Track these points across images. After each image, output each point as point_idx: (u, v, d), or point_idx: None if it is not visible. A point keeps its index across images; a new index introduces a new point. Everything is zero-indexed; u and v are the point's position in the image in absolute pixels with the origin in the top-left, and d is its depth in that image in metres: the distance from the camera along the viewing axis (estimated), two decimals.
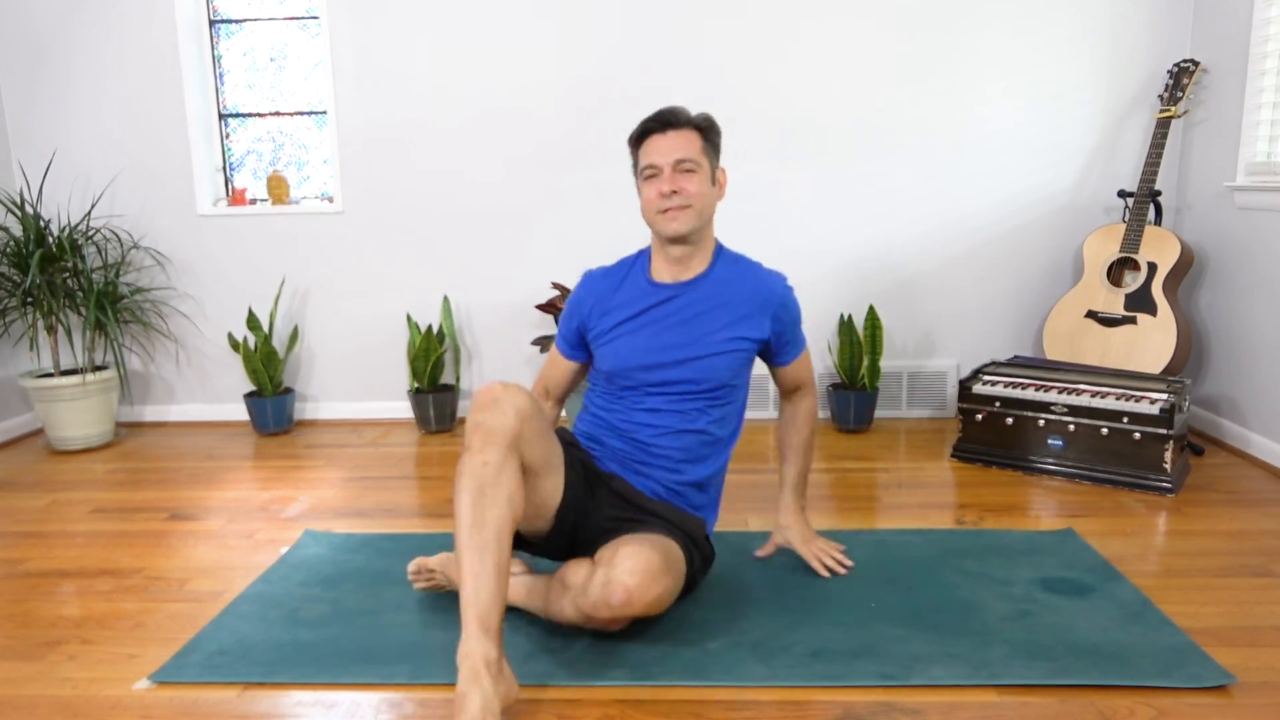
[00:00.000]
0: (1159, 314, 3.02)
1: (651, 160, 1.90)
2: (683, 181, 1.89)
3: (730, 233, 3.50)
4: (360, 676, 1.73)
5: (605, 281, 2.05)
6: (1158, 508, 2.55)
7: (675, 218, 1.90)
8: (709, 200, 1.94)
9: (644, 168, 1.92)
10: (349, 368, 3.73)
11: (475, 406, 1.70)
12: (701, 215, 1.93)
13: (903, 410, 3.60)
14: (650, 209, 1.93)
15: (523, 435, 1.68)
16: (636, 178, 1.98)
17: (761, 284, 2.01)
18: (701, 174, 1.91)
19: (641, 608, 1.69)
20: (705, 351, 1.95)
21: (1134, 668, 1.69)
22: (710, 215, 1.97)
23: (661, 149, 1.90)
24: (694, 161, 1.90)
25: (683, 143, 1.90)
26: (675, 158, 1.89)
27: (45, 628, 1.98)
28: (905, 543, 2.31)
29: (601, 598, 1.68)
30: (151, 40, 3.51)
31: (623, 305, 2.00)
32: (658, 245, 2.01)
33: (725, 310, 1.97)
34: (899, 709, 1.60)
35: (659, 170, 1.90)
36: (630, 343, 1.97)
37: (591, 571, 1.75)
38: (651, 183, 1.91)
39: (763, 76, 3.42)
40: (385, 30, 3.47)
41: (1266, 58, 2.93)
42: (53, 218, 3.62)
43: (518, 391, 1.71)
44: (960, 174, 3.45)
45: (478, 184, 3.56)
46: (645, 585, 1.68)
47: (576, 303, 2.07)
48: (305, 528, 2.53)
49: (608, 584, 1.68)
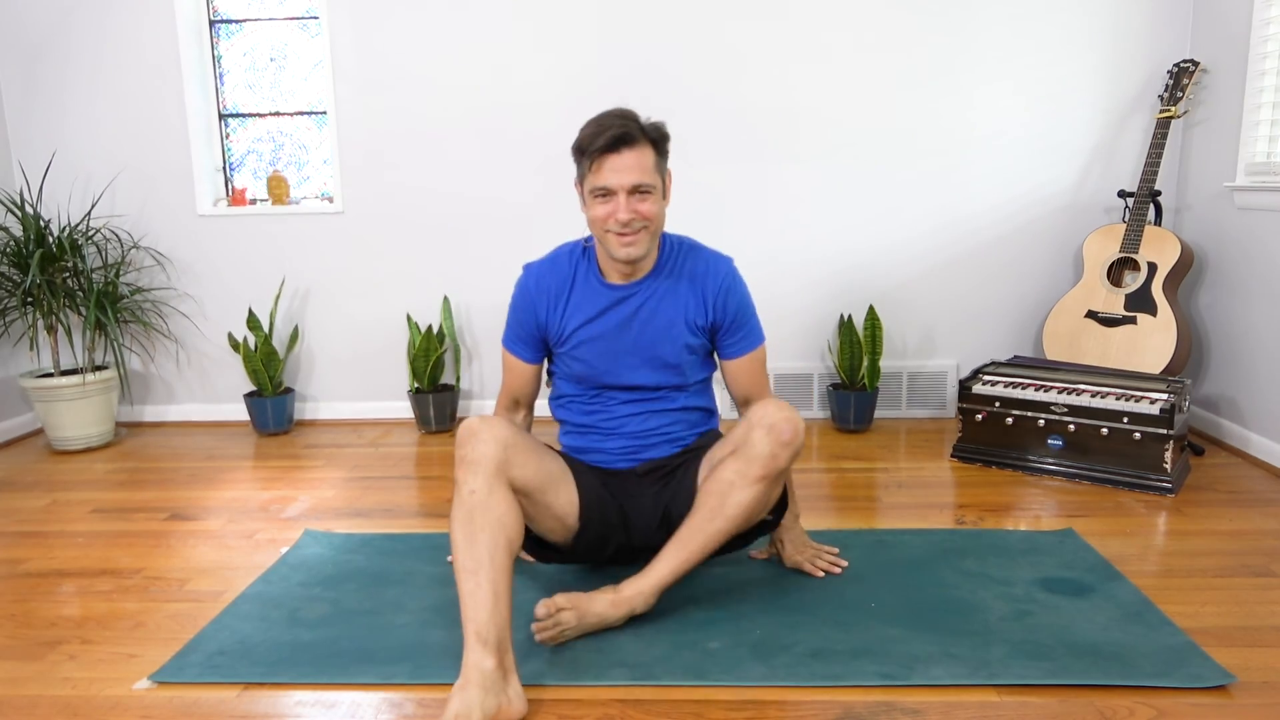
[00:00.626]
0: (1159, 314, 3.02)
1: (605, 183, 1.80)
2: (638, 205, 1.81)
3: (731, 232, 3.50)
4: (360, 676, 1.73)
5: (554, 278, 2.00)
6: (1158, 508, 2.55)
7: (631, 243, 1.84)
8: (662, 217, 1.88)
9: (596, 189, 1.82)
10: (349, 368, 3.74)
11: (457, 443, 1.75)
12: (656, 234, 1.89)
13: (902, 410, 3.60)
14: (599, 227, 1.85)
15: (509, 460, 1.73)
16: (580, 188, 1.88)
17: (704, 265, 1.98)
18: (656, 193, 1.84)
19: (802, 431, 1.81)
20: (666, 351, 1.97)
21: (1134, 668, 1.69)
22: (661, 229, 1.92)
23: (617, 170, 1.79)
24: (649, 184, 1.81)
25: (638, 163, 1.80)
26: (631, 182, 1.79)
27: (45, 628, 1.98)
28: (905, 543, 2.31)
29: (775, 439, 1.77)
30: (152, 40, 3.51)
31: (580, 307, 1.97)
32: (604, 253, 1.93)
33: (677, 302, 1.97)
34: (899, 709, 1.60)
35: (613, 193, 1.80)
36: (594, 349, 1.98)
37: (745, 434, 1.81)
38: (604, 203, 1.82)
39: (763, 76, 3.42)
40: (385, 30, 3.47)
41: (1266, 58, 2.93)
42: (53, 218, 3.62)
43: (496, 422, 1.76)
44: (960, 174, 3.45)
45: (478, 183, 3.56)
46: (794, 412, 1.81)
47: (528, 303, 2.02)
48: (305, 528, 2.53)
49: (773, 426, 1.77)
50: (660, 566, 1.85)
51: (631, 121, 1.81)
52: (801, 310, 3.58)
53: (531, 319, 2.02)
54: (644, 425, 2.02)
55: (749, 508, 1.82)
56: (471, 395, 3.73)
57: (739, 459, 1.81)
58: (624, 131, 1.78)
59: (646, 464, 2.03)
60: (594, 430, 2.05)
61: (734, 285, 1.99)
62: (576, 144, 1.85)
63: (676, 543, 1.85)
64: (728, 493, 1.81)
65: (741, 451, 1.82)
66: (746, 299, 2.03)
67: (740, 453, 1.82)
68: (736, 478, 1.81)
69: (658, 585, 1.84)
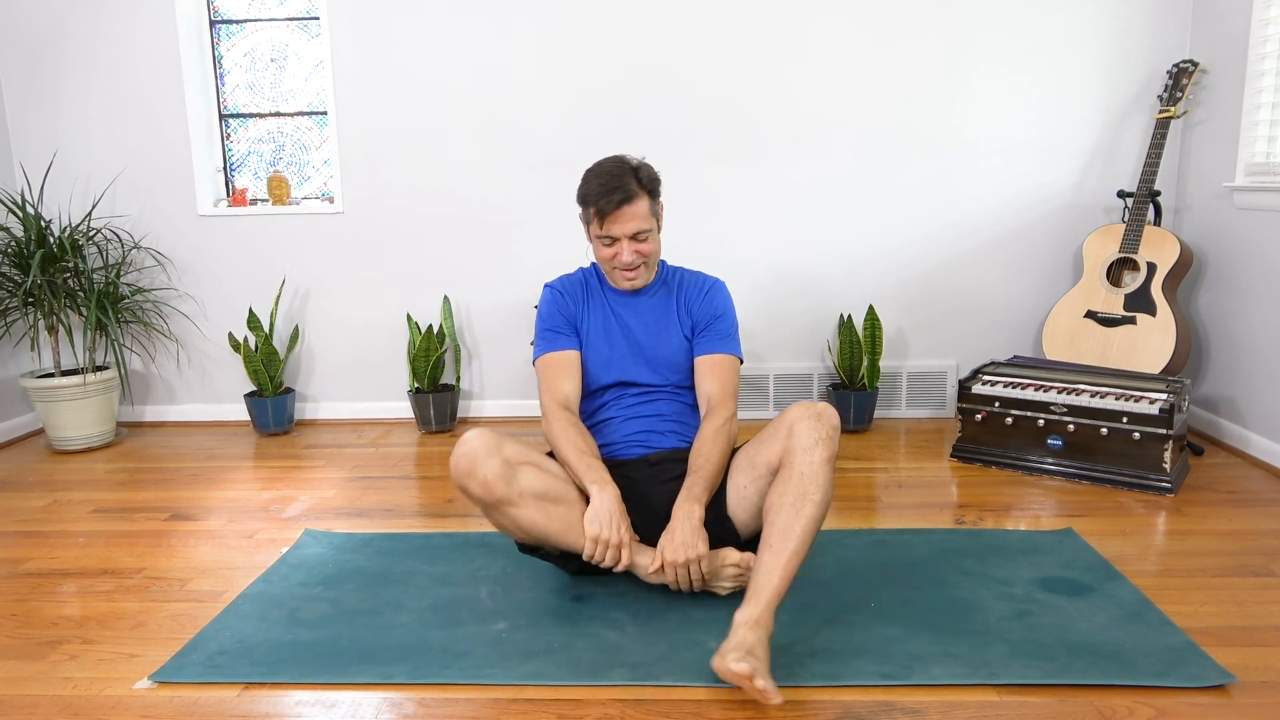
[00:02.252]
0: (1158, 314, 3.02)
1: (609, 233, 2.03)
2: (639, 246, 2.05)
3: (731, 232, 3.51)
4: (360, 676, 1.73)
5: (573, 285, 2.20)
6: (1157, 508, 2.55)
7: (633, 278, 2.10)
8: (659, 247, 2.12)
9: (601, 236, 2.04)
10: (349, 368, 3.74)
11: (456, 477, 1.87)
12: (654, 264, 2.14)
13: (902, 410, 3.61)
14: (606, 264, 2.10)
15: (505, 498, 1.85)
16: (587, 229, 2.08)
17: (694, 277, 2.21)
18: (654, 232, 2.07)
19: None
20: (664, 351, 2.14)
21: (1133, 667, 1.69)
22: (659, 254, 2.14)
23: (619, 223, 2.01)
24: (647, 229, 2.04)
25: (637, 214, 2.01)
26: (632, 231, 2.02)
27: (46, 627, 1.99)
28: (905, 543, 2.31)
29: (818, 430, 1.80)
30: (152, 41, 3.51)
31: (594, 311, 2.17)
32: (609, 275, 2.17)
33: (670, 305, 2.16)
34: (899, 709, 1.60)
35: (617, 239, 2.04)
36: (603, 349, 2.14)
37: (788, 434, 1.83)
38: (609, 247, 2.06)
39: (762, 77, 3.42)
40: (385, 30, 3.47)
41: (1265, 58, 2.93)
42: (54, 218, 3.62)
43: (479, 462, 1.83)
44: (960, 174, 3.46)
45: (478, 184, 3.56)
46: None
47: (560, 302, 2.17)
48: (305, 528, 2.53)
49: (819, 416, 1.82)
50: (763, 582, 1.72)
51: (628, 177, 2.02)
52: (801, 310, 3.58)
53: (566, 310, 2.17)
54: (654, 410, 2.13)
55: (826, 493, 1.79)
56: (471, 395, 3.73)
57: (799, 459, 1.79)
58: (624, 194, 2.00)
59: (659, 453, 2.08)
60: (605, 424, 2.14)
61: (715, 292, 2.18)
62: (581, 197, 2.06)
63: (770, 550, 1.75)
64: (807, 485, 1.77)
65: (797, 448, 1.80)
66: (727, 308, 2.18)
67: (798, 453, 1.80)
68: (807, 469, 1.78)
69: (772, 602, 1.72)
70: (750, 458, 1.95)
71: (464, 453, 1.83)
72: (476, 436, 1.86)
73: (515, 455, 1.89)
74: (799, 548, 1.74)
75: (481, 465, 1.82)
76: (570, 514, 1.92)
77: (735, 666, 1.55)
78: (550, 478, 1.93)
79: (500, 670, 1.73)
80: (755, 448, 1.95)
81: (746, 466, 1.96)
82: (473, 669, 1.74)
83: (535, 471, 1.91)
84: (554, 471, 1.96)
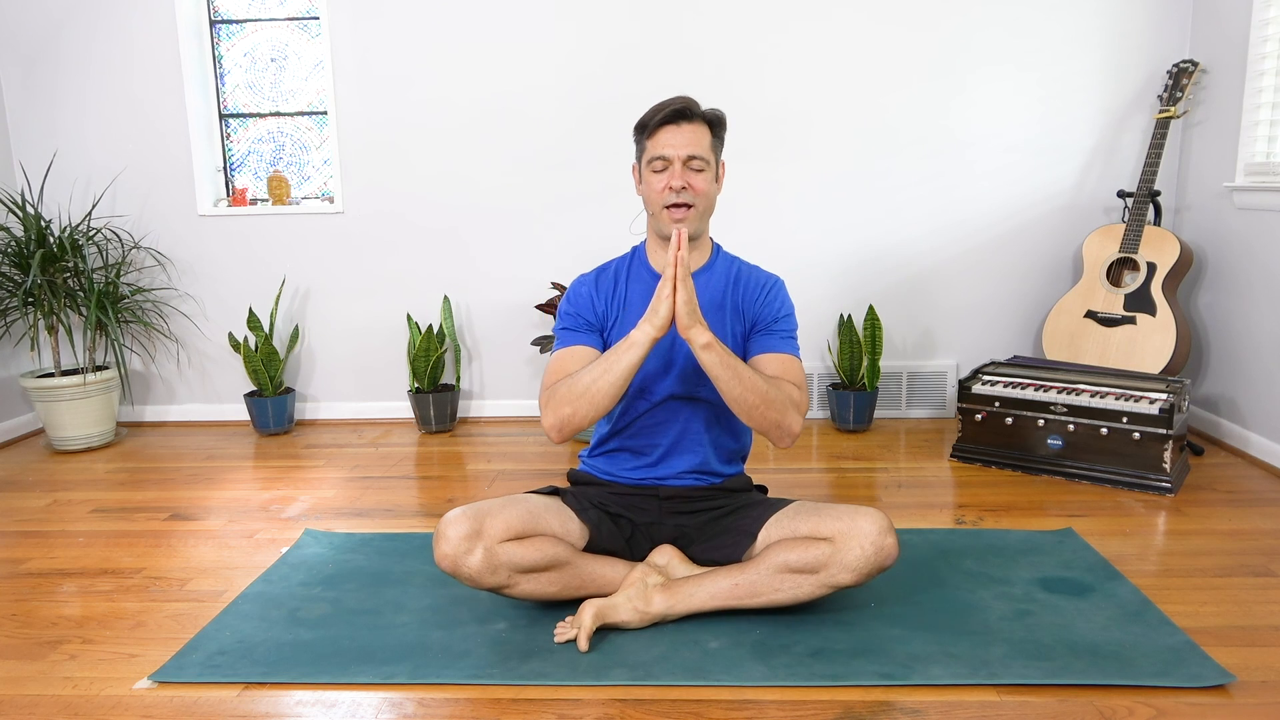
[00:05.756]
0: (1158, 314, 3.02)
1: (663, 152, 1.89)
2: (691, 178, 1.89)
3: (731, 232, 3.49)
4: (360, 676, 1.73)
5: (606, 279, 2.03)
6: (1157, 507, 2.55)
7: (682, 218, 1.89)
8: (713, 198, 1.96)
9: (654, 158, 1.90)
10: (349, 368, 3.74)
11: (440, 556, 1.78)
12: (705, 214, 1.96)
13: (902, 410, 3.61)
14: (656, 202, 1.92)
15: (496, 585, 1.80)
16: (639, 164, 1.97)
17: (753, 276, 2.05)
18: (709, 171, 1.92)
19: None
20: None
21: (1133, 667, 1.69)
22: (712, 211, 1.99)
23: (674, 142, 1.88)
24: (704, 159, 1.90)
25: (695, 138, 1.89)
26: (687, 153, 1.88)
27: (46, 627, 1.99)
28: (905, 543, 2.30)
29: (877, 561, 1.76)
30: (152, 41, 3.51)
31: (638, 300, 1.98)
32: (656, 239, 2.01)
33: (722, 311, 1.99)
34: (899, 709, 1.60)
35: (669, 163, 1.89)
36: None
37: (829, 548, 1.77)
38: (660, 175, 1.90)
39: (764, 77, 3.42)
40: (385, 30, 3.47)
41: (1265, 58, 2.93)
42: (54, 218, 3.62)
43: (460, 561, 1.75)
44: (960, 174, 3.46)
45: (478, 183, 3.56)
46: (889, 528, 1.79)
47: (586, 299, 2.01)
48: (305, 527, 2.53)
49: (881, 549, 1.75)
50: (700, 595, 1.87)
51: (690, 100, 1.92)
52: (801, 310, 3.52)
53: (591, 309, 2.00)
54: (678, 432, 1.99)
55: (805, 599, 1.84)
56: (471, 395, 3.73)
57: (828, 573, 1.79)
58: (683, 106, 1.89)
59: (670, 490, 1.99)
60: (622, 435, 2.02)
61: (778, 291, 2.03)
62: (639, 122, 1.95)
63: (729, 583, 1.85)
64: (800, 584, 1.81)
65: (832, 568, 1.79)
66: (790, 309, 2.04)
67: (830, 570, 1.79)
68: (818, 587, 1.81)
69: (691, 610, 1.87)
70: (799, 516, 1.86)
71: (444, 552, 1.74)
72: (452, 527, 1.74)
73: (498, 532, 1.76)
74: (747, 602, 1.85)
75: (463, 564, 1.74)
76: (566, 575, 1.86)
77: (585, 618, 1.78)
78: (540, 543, 1.82)
79: (500, 670, 1.73)
80: (812, 516, 1.83)
81: (788, 518, 1.86)
82: (473, 669, 1.74)
83: (521, 545, 1.79)
84: (544, 530, 1.84)
